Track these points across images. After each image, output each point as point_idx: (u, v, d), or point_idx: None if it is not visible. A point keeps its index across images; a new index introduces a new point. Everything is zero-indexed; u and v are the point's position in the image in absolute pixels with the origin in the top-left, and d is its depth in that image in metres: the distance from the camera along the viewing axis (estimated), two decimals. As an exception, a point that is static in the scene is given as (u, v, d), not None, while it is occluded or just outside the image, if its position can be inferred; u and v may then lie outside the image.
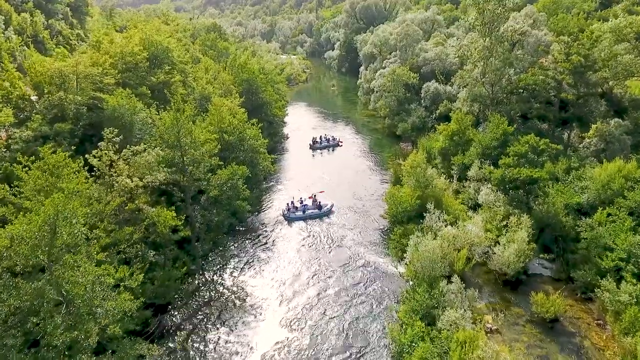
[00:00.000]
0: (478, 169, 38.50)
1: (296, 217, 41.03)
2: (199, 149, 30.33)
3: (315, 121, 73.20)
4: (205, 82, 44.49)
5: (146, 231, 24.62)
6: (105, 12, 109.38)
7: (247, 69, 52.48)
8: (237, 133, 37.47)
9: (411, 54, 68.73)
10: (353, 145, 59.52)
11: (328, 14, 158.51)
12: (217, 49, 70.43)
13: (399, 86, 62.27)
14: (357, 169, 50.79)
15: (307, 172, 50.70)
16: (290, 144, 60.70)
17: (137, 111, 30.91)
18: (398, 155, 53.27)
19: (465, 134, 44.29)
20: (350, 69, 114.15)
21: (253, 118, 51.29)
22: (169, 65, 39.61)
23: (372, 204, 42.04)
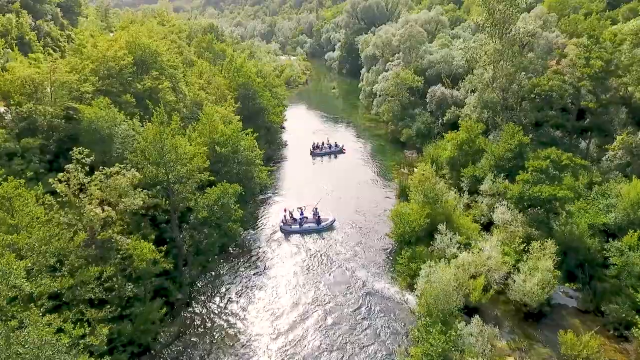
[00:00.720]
0: (491, 182, 35.30)
1: (293, 230, 38.07)
2: (186, 165, 27.14)
3: (316, 125, 69.95)
4: (197, 88, 41.28)
5: (123, 262, 21.48)
6: (101, 12, 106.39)
7: (243, 73, 49.26)
8: (231, 144, 34.27)
9: (415, 56, 65.50)
10: (355, 152, 56.30)
11: (329, 14, 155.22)
12: (213, 51, 67.19)
13: (402, 90, 59.03)
14: (359, 179, 47.57)
15: (306, 182, 47.49)
16: (289, 150, 57.49)
17: (118, 123, 27.71)
18: (402, 164, 50.06)
19: (475, 143, 41.08)
20: (351, 70, 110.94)
21: (249, 125, 48.11)
22: (157, 70, 36.36)
23: (376, 219, 38.81)
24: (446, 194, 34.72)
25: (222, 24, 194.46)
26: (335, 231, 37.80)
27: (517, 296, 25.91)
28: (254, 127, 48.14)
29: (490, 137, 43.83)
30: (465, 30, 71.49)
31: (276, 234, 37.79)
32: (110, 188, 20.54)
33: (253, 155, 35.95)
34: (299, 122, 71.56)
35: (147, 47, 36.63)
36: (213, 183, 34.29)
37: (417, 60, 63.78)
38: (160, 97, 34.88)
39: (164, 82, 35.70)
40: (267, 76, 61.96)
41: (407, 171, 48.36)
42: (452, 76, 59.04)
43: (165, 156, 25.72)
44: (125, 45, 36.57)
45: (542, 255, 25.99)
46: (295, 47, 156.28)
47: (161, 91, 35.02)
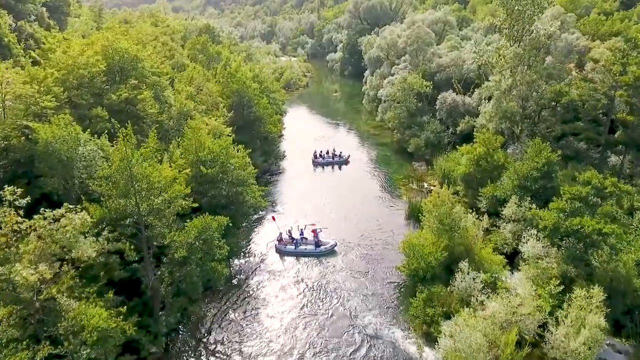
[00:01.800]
0: (516, 206, 30.75)
1: (288, 251, 34.12)
2: (161, 194, 22.65)
3: (317, 131, 65.31)
4: (184, 97, 36.75)
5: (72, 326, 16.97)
6: (94, 12, 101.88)
7: (237, 78, 44.71)
8: (219, 163, 29.77)
9: (422, 59, 60.91)
10: (359, 163, 51.73)
11: (330, 14, 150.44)
12: (208, 54, 62.69)
13: (410, 96, 54.44)
14: (363, 194, 43.00)
15: (306, 197, 42.95)
16: (289, 160, 52.86)
17: (82, 143, 23.23)
18: (411, 178, 45.48)
19: (494, 159, 36.55)
20: (353, 72, 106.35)
21: (244, 135, 43.68)
22: (137, 79, 31.86)
23: (383, 245, 34.28)
24: (464, 218, 30.14)
25: (222, 24, 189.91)
26: (336, 257, 33.34)
27: (557, 354, 21.38)
28: (249, 138, 43.75)
29: (509, 150, 39.28)
30: (476, 32, 66.77)
31: (270, 259, 33.51)
32: (52, 238, 16.04)
33: (245, 174, 31.41)
34: (299, 128, 67.00)
35: (125, 52, 32.11)
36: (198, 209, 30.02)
37: (425, 63, 59.18)
38: (139, 109, 30.38)
39: (144, 91, 31.16)
40: (264, 81, 57.43)
41: (416, 186, 43.82)
42: (463, 81, 54.47)
43: (135, 185, 21.23)
44: (101, 50, 32.12)
45: (588, 305, 21.46)
46: (296, 48, 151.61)
47: (140, 102, 30.48)
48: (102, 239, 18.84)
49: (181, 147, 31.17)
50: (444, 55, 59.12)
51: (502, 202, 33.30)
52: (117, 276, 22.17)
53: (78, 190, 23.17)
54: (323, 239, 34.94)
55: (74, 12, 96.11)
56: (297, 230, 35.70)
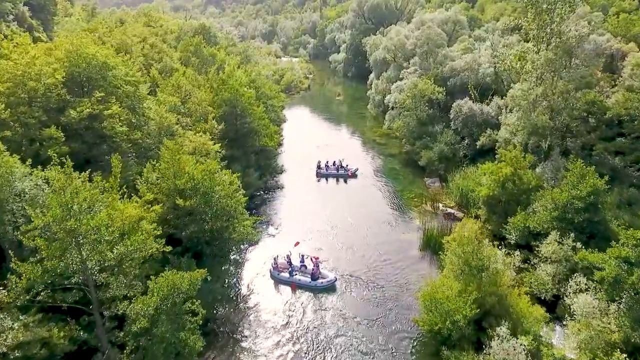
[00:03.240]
0: (557, 244, 25.45)
1: (281, 279, 29.89)
2: (119, 246, 17.47)
3: (319, 137, 59.96)
4: (165, 110, 31.49)
5: None
6: (87, 12, 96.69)
7: (230, 86, 39.41)
8: (201, 192, 24.57)
9: (433, 62, 55.51)
10: (365, 178, 46.41)
11: (333, 14, 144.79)
12: (202, 56, 57.38)
13: (421, 103, 49.10)
14: (370, 216, 37.72)
15: (306, 217, 37.69)
16: (287, 173, 47.61)
17: (19, 177, 18.05)
18: (424, 197, 40.09)
19: (523, 181, 31.26)
20: (357, 74, 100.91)
21: (236, 150, 38.52)
22: (105, 90, 26.63)
23: (394, 284, 28.93)
24: (493, 257, 24.83)
25: (223, 23, 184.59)
26: (336, 295, 28.22)
27: None
28: (242, 152, 38.59)
29: (537, 170, 33.90)
30: (492, 32, 61.19)
31: (261, 289, 28.79)
32: None
33: (233, 204, 26.16)
34: (300, 134, 61.76)
35: (93, 59, 26.87)
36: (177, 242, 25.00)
37: (437, 67, 53.78)
38: (106, 127, 25.15)
39: (112, 105, 25.92)
40: (261, 86, 52.17)
41: (430, 208, 38.46)
42: (480, 87, 49.07)
43: (80, 239, 16.04)
44: (65, 56, 26.91)
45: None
46: (297, 48, 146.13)
47: (107, 119, 25.25)
48: (19, 324, 13.69)
49: (157, 170, 25.99)
50: (457, 58, 53.69)
51: (536, 236, 28.10)
52: (60, 350, 17.05)
53: (14, 239, 17.98)
54: (323, 270, 30.00)
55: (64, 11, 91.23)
56: (297, 256, 31.15)
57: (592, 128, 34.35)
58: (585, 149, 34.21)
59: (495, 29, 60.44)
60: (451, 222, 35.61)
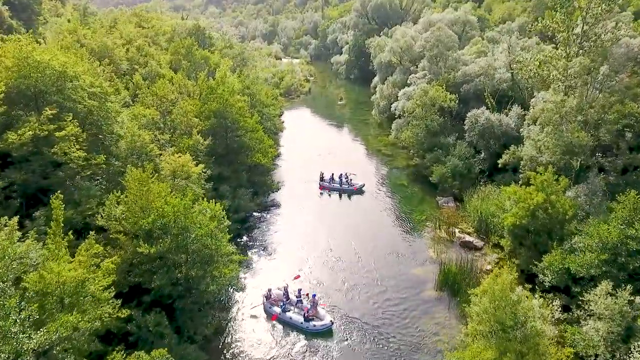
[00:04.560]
0: (609, 297, 20.63)
1: (273, 312, 25.78)
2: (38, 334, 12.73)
3: (319, 147, 55.18)
4: (139, 126, 26.74)
5: None
6: (79, 12, 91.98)
7: (219, 95, 34.61)
8: (173, 234, 19.86)
9: (444, 66, 50.66)
10: (370, 194, 41.55)
11: (335, 14, 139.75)
12: (194, 60, 52.59)
13: (431, 112, 44.25)
14: (376, 242, 32.88)
15: (304, 242, 32.99)
16: (285, 186, 42.87)
17: None
18: (438, 221, 35.19)
19: (557, 208, 26.43)
20: (360, 76, 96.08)
21: (225, 167, 33.78)
22: (59, 107, 21.92)
23: (404, 332, 24.08)
24: (531, 312, 20.00)
25: (223, 23, 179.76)
26: (332, 341, 23.62)
27: None
28: (232, 170, 33.86)
29: (569, 194, 28.94)
30: (506, 34, 56.16)
31: (249, 326, 24.19)
32: None
33: (215, 244, 21.40)
34: (300, 142, 57.18)
35: (48, 68, 22.16)
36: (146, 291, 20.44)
37: (448, 71, 48.92)
38: (56, 152, 20.41)
39: (67, 125, 21.18)
40: (257, 93, 47.40)
41: (445, 234, 33.61)
42: (496, 94, 44.21)
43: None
44: (14, 64, 22.20)
45: None
46: (298, 49, 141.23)
47: (59, 143, 20.52)
48: None
49: (122, 203, 21.25)
50: (471, 62, 48.83)
51: (576, 279, 23.33)
52: None
53: None
54: (320, 309, 25.41)
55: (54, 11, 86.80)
56: (295, 292, 27.04)
57: (635, 145, 29.49)
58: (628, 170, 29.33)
59: (511, 30, 55.43)
60: (470, 254, 30.84)
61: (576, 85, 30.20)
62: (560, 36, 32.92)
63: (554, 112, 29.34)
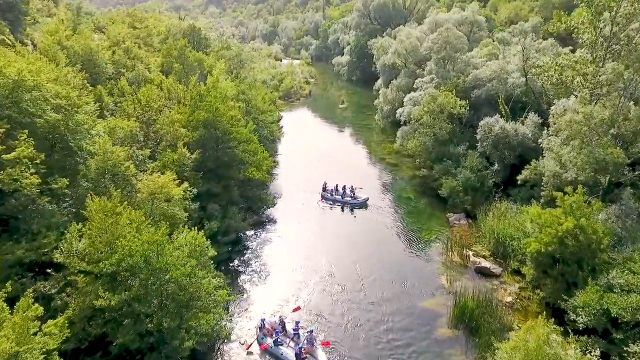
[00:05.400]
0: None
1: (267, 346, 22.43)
2: None
3: (320, 154, 51.96)
4: (113, 142, 23.33)
5: None
6: (72, 11, 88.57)
7: (208, 103, 31.16)
8: (144, 277, 16.47)
9: (452, 69, 47.19)
10: (374, 210, 38.07)
11: (336, 13, 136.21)
12: (187, 62, 49.22)
13: (441, 120, 40.78)
14: (382, 267, 29.40)
15: (301, 267, 29.54)
16: (281, 203, 39.46)
17: None
18: (450, 242, 31.70)
19: (588, 235, 22.98)
20: (362, 78, 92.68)
21: (215, 183, 30.38)
22: (10, 122, 18.56)
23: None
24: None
25: (223, 23, 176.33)
26: None
27: None
28: (222, 187, 30.44)
29: (600, 216, 25.43)
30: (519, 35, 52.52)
31: None
32: None
33: (192, 287, 17.98)
34: (298, 148, 53.96)
35: (0, 75, 18.80)
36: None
37: (457, 75, 45.42)
38: (2, 179, 17.03)
39: (19, 144, 17.80)
40: (252, 98, 43.98)
41: (458, 258, 30.13)
42: (510, 100, 40.70)
43: None
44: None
45: None
46: (299, 50, 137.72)
47: (6, 168, 17.12)
48: None
49: (85, 237, 17.86)
50: (482, 66, 45.36)
51: (618, 324, 19.90)
52: None
53: None
54: (318, 349, 22.01)
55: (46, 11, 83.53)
56: (291, 324, 23.93)
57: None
58: None
59: (524, 31, 51.79)
60: (487, 282, 27.39)
61: (606, 94, 26.67)
62: (587, 38, 29.44)
63: (583, 124, 25.83)
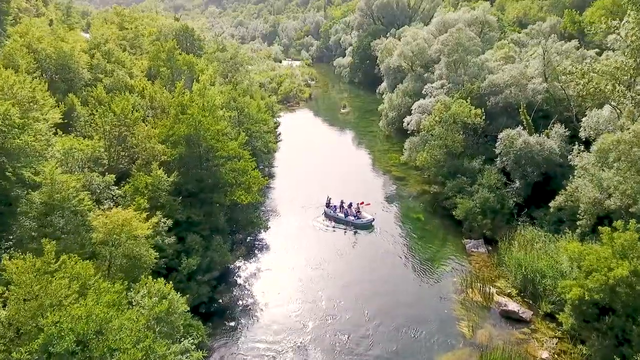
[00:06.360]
0: None
1: None
2: None
3: (320, 164, 47.71)
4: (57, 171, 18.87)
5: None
6: (62, 11, 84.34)
7: (189, 117, 26.69)
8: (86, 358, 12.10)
9: (464, 73, 42.70)
10: (381, 233, 33.58)
11: (338, 13, 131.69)
12: (176, 66, 44.75)
13: (454, 131, 36.31)
14: (391, 309, 24.92)
15: (295, 310, 25.16)
16: (276, 221, 35.18)
17: None
18: (470, 276, 27.23)
19: (645, 282, 18.56)
20: (365, 80, 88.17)
21: (197, 208, 26.01)
22: None
23: None
24: None
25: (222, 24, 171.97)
26: None
27: None
28: (205, 213, 26.07)
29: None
30: (536, 37, 48.01)
31: None
32: None
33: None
34: (297, 157, 49.76)
35: None
36: None
37: (471, 80, 40.93)
38: None
39: None
40: (246, 107, 39.56)
41: (479, 296, 25.58)
42: (533, 109, 36.21)
43: None
44: None
45: None
46: (299, 50, 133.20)
47: None
48: None
49: (10, 303, 13.50)
50: (497, 70, 40.85)
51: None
52: None
53: None
54: None
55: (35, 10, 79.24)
56: None
57: None
58: None
59: (541, 31, 47.28)
60: (516, 329, 22.92)
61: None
62: (631, 42, 24.95)
63: (634, 144, 21.36)
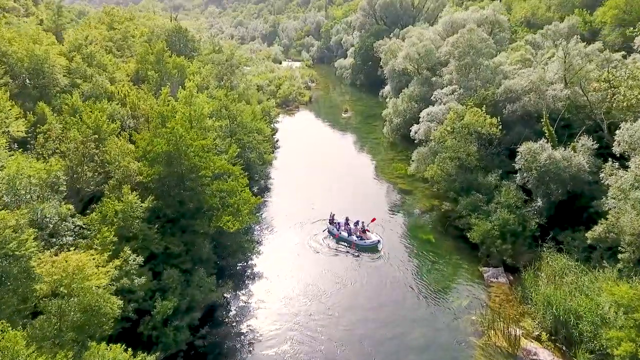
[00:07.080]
0: None
1: None
2: None
3: (319, 175, 44.19)
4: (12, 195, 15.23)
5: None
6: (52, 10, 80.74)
7: (169, 131, 23.05)
8: None
9: (476, 77, 38.99)
10: (387, 257, 29.97)
11: (339, 13, 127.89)
12: (165, 69, 41.16)
13: (468, 143, 32.65)
14: (399, 350, 21.51)
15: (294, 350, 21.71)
16: (268, 247, 31.65)
17: None
18: (490, 314, 23.59)
19: None
20: (367, 82, 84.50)
21: (177, 237, 22.43)
22: None
23: None
24: None
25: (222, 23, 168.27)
26: None
27: None
28: (186, 242, 22.46)
29: None
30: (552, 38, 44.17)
31: None
32: None
33: None
34: (295, 164, 46.43)
35: None
36: None
37: (485, 86, 37.26)
38: None
39: None
40: (238, 115, 35.96)
41: (502, 340, 21.91)
42: (556, 119, 32.51)
43: None
44: None
45: None
46: (300, 51, 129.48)
47: None
48: None
49: None
50: (513, 74, 37.18)
51: None
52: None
53: None
54: None
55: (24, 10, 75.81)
56: None
57: None
58: None
59: (558, 32, 43.48)
60: (550, 386, 19.31)
61: None
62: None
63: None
